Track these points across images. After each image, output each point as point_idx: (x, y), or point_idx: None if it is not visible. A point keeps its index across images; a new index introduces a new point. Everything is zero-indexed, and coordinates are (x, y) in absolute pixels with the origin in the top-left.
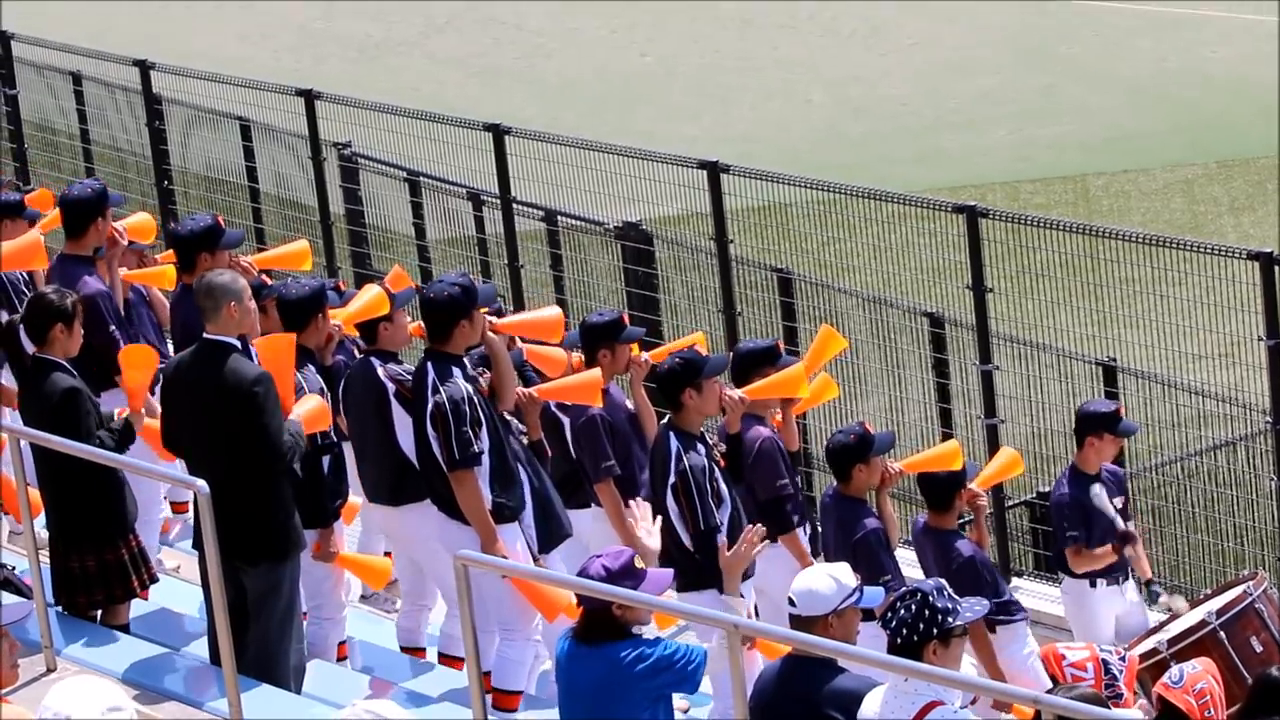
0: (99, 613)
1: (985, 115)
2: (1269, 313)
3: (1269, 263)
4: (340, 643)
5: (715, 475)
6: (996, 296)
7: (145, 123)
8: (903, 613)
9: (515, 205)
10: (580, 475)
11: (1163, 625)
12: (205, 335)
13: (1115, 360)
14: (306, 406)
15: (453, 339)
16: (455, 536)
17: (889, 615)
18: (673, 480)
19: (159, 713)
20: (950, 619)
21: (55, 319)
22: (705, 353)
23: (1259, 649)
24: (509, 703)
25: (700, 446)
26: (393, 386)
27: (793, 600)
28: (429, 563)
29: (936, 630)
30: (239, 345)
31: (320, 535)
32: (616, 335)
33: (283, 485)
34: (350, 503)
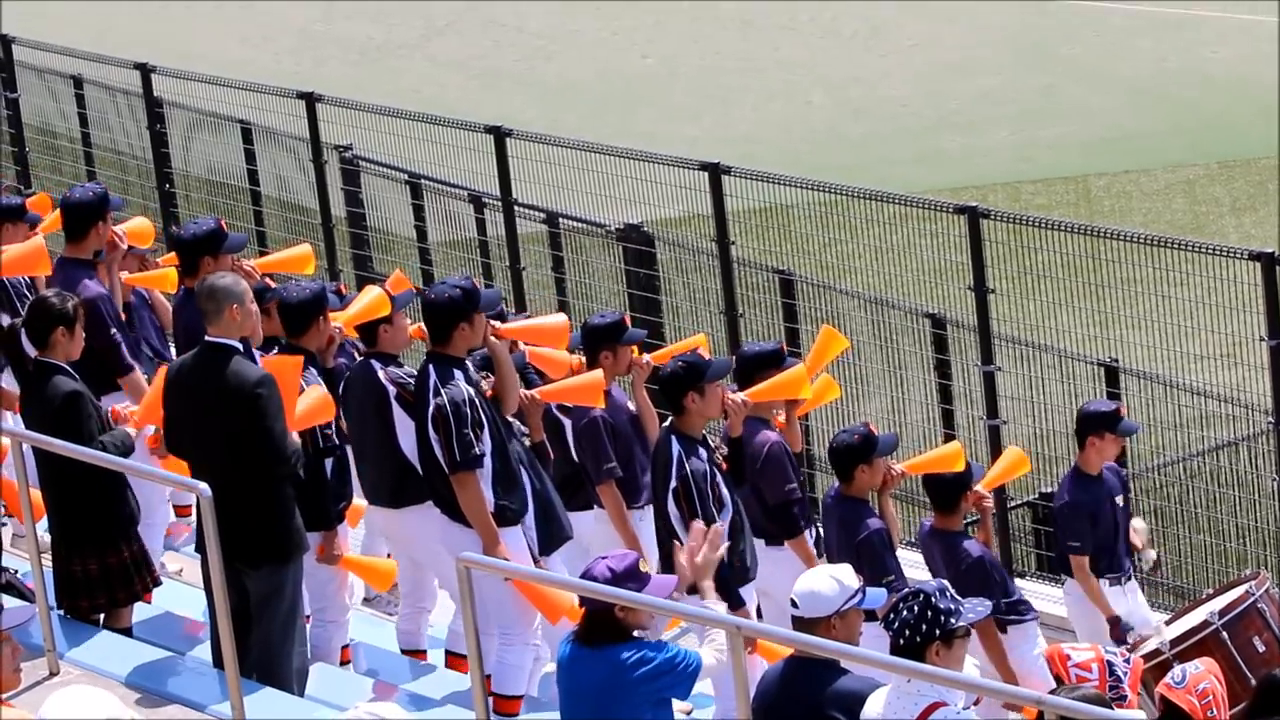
0: (101, 616)
1: (986, 116)
2: (1270, 313)
3: (1270, 263)
4: (344, 646)
5: (717, 479)
6: (998, 297)
7: (146, 126)
8: (905, 614)
9: (516, 207)
10: (582, 477)
11: (1164, 625)
12: (207, 338)
13: (1117, 361)
14: (310, 398)
15: (453, 341)
16: (457, 539)
17: (891, 616)
18: (674, 485)
19: (162, 716)
20: (953, 620)
21: (57, 322)
22: (707, 355)
23: (1261, 649)
24: (510, 708)
25: (702, 451)
26: (393, 389)
27: (795, 602)
28: (432, 564)
29: (939, 631)
30: (241, 348)
31: (324, 538)
32: (618, 337)
33: (285, 488)
34: (355, 505)
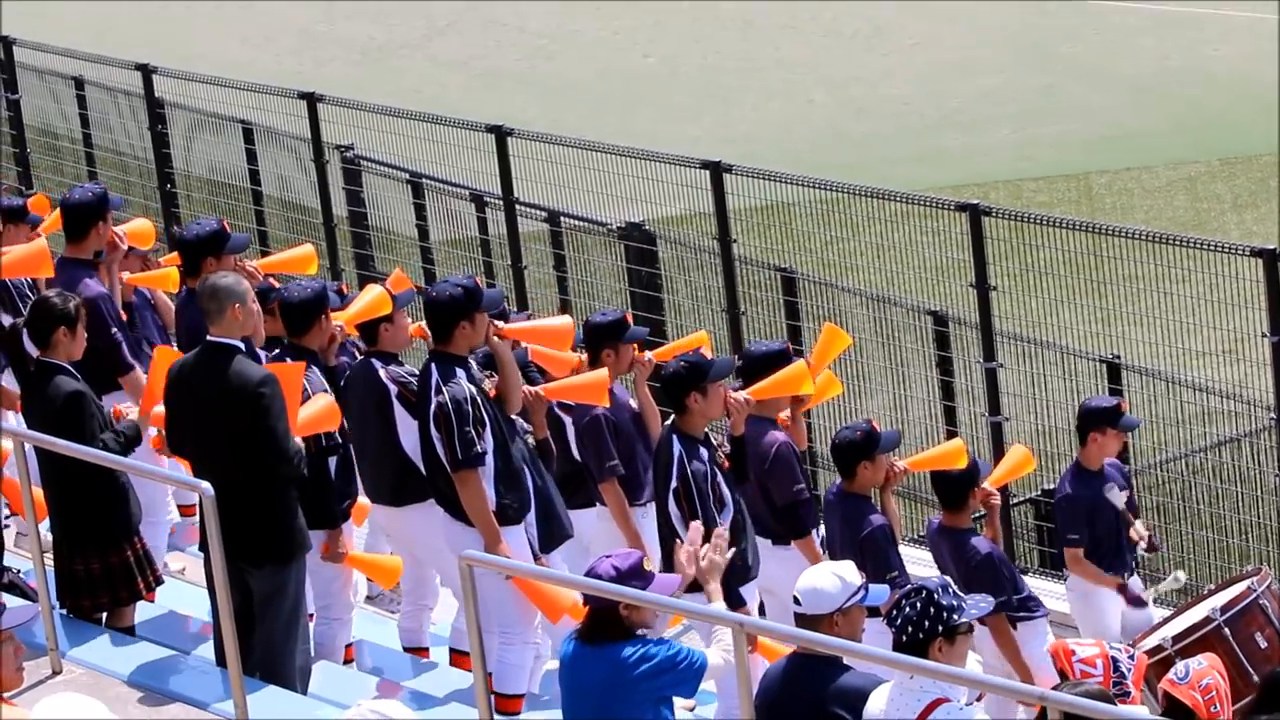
0: (104, 615)
1: (987, 114)
2: (1272, 309)
3: (1272, 259)
4: (347, 645)
5: (717, 479)
6: (1000, 294)
7: (148, 127)
8: (908, 610)
9: (518, 206)
10: (582, 475)
11: (1166, 621)
12: (209, 337)
13: (1119, 357)
14: (316, 405)
15: (455, 340)
16: (460, 538)
17: (894, 613)
18: (674, 485)
19: (165, 715)
20: (955, 616)
21: (58, 323)
22: (709, 352)
23: (1264, 645)
24: (511, 706)
25: (703, 451)
26: (394, 388)
27: (798, 599)
28: (434, 562)
29: (942, 627)
30: (243, 347)
31: (329, 536)
32: (620, 335)
33: (287, 488)
34: (360, 503)
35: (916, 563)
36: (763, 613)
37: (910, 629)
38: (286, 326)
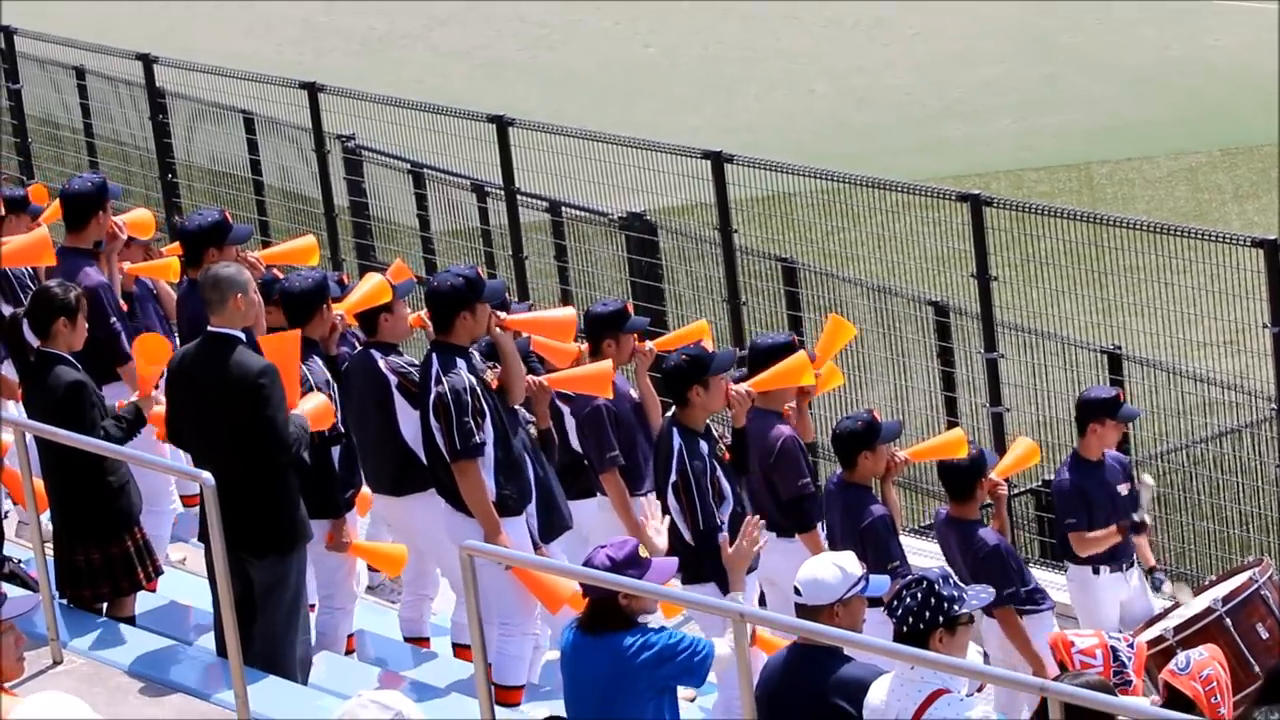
0: (104, 605)
1: (989, 105)
2: (1273, 300)
3: (1273, 250)
4: (349, 635)
5: (717, 473)
6: (1001, 285)
7: (149, 117)
8: (909, 601)
9: (519, 196)
10: (582, 465)
11: (1167, 612)
12: (210, 328)
13: (1120, 348)
14: (310, 405)
15: (455, 330)
16: (461, 528)
17: (895, 603)
18: (674, 479)
19: (165, 705)
20: (956, 607)
21: (59, 313)
22: (709, 342)
23: (1265, 635)
24: (511, 698)
25: (703, 444)
26: (394, 378)
27: (798, 589)
28: (434, 552)
29: (943, 618)
30: (244, 338)
31: (332, 525)
32: (621, 325)
33: (288, 477)
34: (363, 493)
35: (917, 553)
36: (764, 604)
37: (911, 619)
38: (287, 316)
